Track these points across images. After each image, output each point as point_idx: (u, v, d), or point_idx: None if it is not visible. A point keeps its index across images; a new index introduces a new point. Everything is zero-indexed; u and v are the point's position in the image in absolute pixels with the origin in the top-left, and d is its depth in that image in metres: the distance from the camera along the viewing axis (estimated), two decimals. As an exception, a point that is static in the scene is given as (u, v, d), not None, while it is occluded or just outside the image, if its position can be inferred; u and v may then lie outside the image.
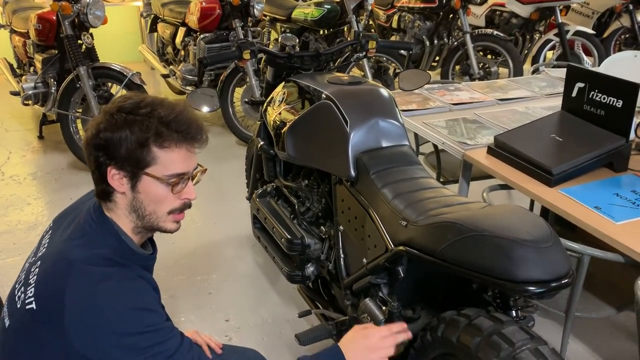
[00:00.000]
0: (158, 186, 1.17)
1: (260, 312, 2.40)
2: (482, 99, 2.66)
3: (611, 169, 1.90)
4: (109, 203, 1.21)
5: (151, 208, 1.19)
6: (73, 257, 1.12)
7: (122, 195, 1.18)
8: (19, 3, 4.76)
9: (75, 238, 1.17)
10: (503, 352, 1.20)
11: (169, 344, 1.12)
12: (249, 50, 2.05)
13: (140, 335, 1.09)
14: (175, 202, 1.21)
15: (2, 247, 2.89)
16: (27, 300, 1.14)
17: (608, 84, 1.91)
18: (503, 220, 1.26)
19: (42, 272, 1.15)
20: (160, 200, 1.19)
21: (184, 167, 1.19)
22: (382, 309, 1.55)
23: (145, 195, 1.18)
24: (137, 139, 1.13)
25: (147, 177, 1.16)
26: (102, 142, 1.14)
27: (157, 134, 1.14)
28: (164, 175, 1.16)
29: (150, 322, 1.11)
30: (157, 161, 1.15)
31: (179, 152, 1.17)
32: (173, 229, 1.25)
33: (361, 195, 1.67)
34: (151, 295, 1.17)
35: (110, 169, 1.15)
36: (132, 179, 1.16)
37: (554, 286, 1.18)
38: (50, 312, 1.09)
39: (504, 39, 4.88)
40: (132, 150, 1.13)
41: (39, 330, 1.11)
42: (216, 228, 3.09)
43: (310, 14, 4.74)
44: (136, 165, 1.15)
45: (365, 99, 1.81)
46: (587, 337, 2.23)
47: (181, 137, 1.17)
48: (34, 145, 4.29)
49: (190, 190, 1.22)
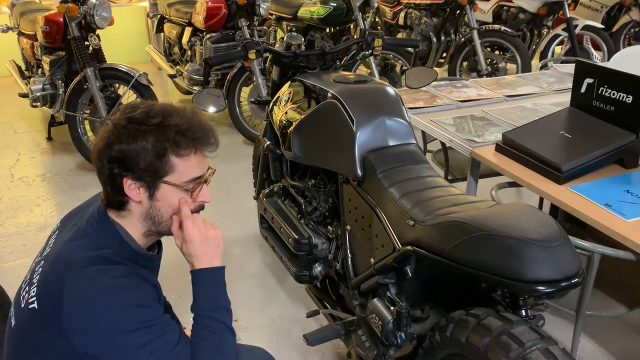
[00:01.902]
0: (176, 192, 1.19)
1: (269, 312, 2.40)
2: (490, 95, 2.64)
3: (621, 166, 1.88)
4: (122, 211, 1.21)
5: (168, 214, 1.21)
6: (72, 257, 1.13)
7: (137, 204, 1.19)
8: (27, 5, 4.79)
9: (77, 239, 1.18)
10: (513, 352, 1.19)
11: (168, 338, 1.12)
12: (254, 50, 2.04)
13: (137, 331, 1.09)
14: (191, 205, 1.23)
15: (13, 249, 2.91)
16: (30, 300, 1.15)
17: (618, 79, 1.89)
18: (512, 219, 1.25)
19: (43, 272, 1.17)
20: (178, 206, 1.21)
21: (200, 171, 1.22)
22: (390, 309, 1.54)
23: (164, 202, 1.19)
24: (155, 150, 1.14)
25: (166, 185, 1.18)
26: (117, 155, 1.14)
27: (174, 144, 1.15)
28: (182, 182, 1.19)
29: (146, 318, 1.11)
30: (175, 169, 1.17)
31: (195, 159, 1.20)
32: None
33: (368, 195, 1.66)
34: (147, 291, 1.17)
35: (127, 180, 1.16)
36: (150, 188, 1.17)
37: (563, 286, 1.16)
38: (50, 311, 1.10)
39: (511, 34, 4.84)
40: (151, 162, 1.14)
41: (41, 330, 1.12)
42: (224, 228, 3.09)
43: (316, 12, 4.73)
44: (155, 175, 1.16)
45: (372, 97, 1.80)
46: (598, 336, 2.21)
47: (197, 143, 1.19)
48: (43, 147, 4.31)
49: (205, 193, 1.25)
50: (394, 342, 1.51)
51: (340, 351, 2.15)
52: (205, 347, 1.17)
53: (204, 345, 1.18)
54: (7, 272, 2.67)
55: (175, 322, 1.18)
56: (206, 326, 1.20)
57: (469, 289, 1.55)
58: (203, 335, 1.19)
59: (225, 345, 1.20)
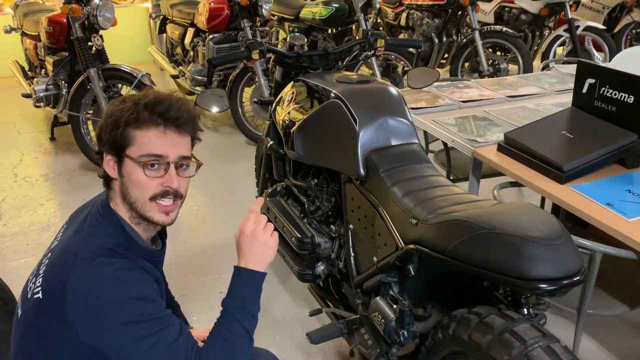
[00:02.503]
0: (136, 168, 1.19)
1: (272, 311, 2.41)
2: (492, 96, 2.65)
3: (623, 166, 1.89)
4: (110, 191, 1.25)
5: (135, 194, 1.21)
6: (77, 248, 1.15)
7: (115, 181, 1.23)
8: (30, 6, 4.81)
9: (81, 230, 1.20)
10: (515, 349, 1.20)
11: (168, 332, 1.13)
12: (257, 50, 2.05)
13: (138, 324, 1.10)
14: (156, 188, 1.21)
15: (16, 248, 2.92)
16: (35, 290, 1.17)
17: (619, 79, 1.90)
18: (514, 217, 1.26)
19: (49, 263, 1.19)
20: (140, 184, 1.20)
21: (161, 149, 1.19)
22: (393, 308, 1.55)
23: (128, 178, 1.21)
24: (114, 120, 1.19)
25: (128, 160, 1.19)
26: (98, 132, 1.23)
27: (132, 114, 1.18)
28: (138, 155, 1.19)
29: (147, 311, 1.12)
30: (134, 142, 1.19)
31: (155, 133, 1.19)
32: (160, 220, 1.23)
33: (371, 194, 1.67)
34: (149, 285, 1.18)
35: (105, 155, 1.22)
36: (118, 162, 1.21)
37: (565, 284, 1.17)
38: (54, 302, 1.12)
39: (513, 35, 4.85)
40: (110, 131, 1.19)
41: (45, 320, 1.14)
42: (227, 227, 3.11)
43: (318, 13, 4.74)
44: (116, 147, 1.20)
45: (374, 97, 1.81)
46: (599, 335, 2.22)
47: (157, 117, 1.19)
48: (46, 147, 4.33)
49: (171, 177, 1.21)
50: (396, 340, 1.52)
51: (342, 350, 2.16)
52: (219, 345, 1.19)
53: (219, 343, 1.19)
54: (12, 271, 2.69)
55: (177, 318, 1.19)
56: (227, 326, 1.22)
57: (471, 287, 1.56)
58: (221, 333, 1.21)
59: (240, 351, 1.21)
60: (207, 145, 4.22)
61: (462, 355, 1.38)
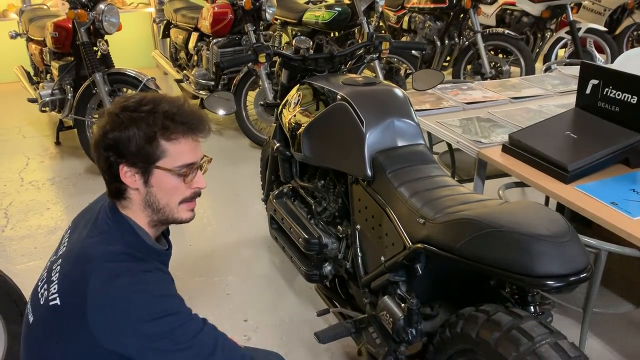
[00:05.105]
0: (170, 178, 1.22)
1: (278, 312, 2.43)
2: (496, 97, 2.67)
3: (627, 165, 1.90)
4: (124, 201, 1.25)
5: (165, 201, 1.24)
6: (92, 254, 1.16)
7: (135, 191, 1.23)
8: (35, 12, 4.85)
9: (93, 236, 1.21)
10: (522, 346, 1.21)
11: (192, 325, 1.16)
12: (264, 54, 2.08)
13: (162, 319, 1.12)
14: (187, 191, 1.25)
15: (24, 251, 2.94)
16: (51, 297, 1.18)
17: (622, 80, 1.92)
18: (520, 216, 1.28)
19: (63, 270, 1.19)
20: (173, 191, 1.23)
21: (192, 157, 1.24)
22: (400, 306, 1.57)
23: (158, 188, 1.22)
24: (145, 135, 1.18)
25: (159, 170, 1.20)
26: (111, 142, 1.19)
27: (163, 128, 1.18)
28: (174, 166, 1.21)
29: (170, 306, 1.14)
30: (167, 154, 1.20)
31: (186, 143, 1.22)
32: (188, 217, 1.29)
33: (378, 194, 1.69)
34: (169, 282, 1.21)
35: (122, 166, 1.20)
36: (144, 174, 1.21)
37: (572, 280, 1.19)
38: (74, 308, 1.13)
39: (515, 37, 4.87)
40: (142, 146, 1.18)
41: (64, 325, 1.15)
42: (232, 230, 3.13)
43: (321, 17, 4.77)
44: (147, 160, 1.19)
45: (380, 99, 1.83)
46: (604, 334, 2.23)
47: (186, 128, 1.21)
48: (52, 151, 4.36)
49: (200, 179, 1.27)
50: (404, 338, 1.54)
51: (349, 350, 2.17)
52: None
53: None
54: (20, 274, 2.71)
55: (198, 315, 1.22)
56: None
57: (478, 286, 1.57)
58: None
59: None
60: (211, 148, 4.24)
61: (470, 353, 1.39)
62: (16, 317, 1.84)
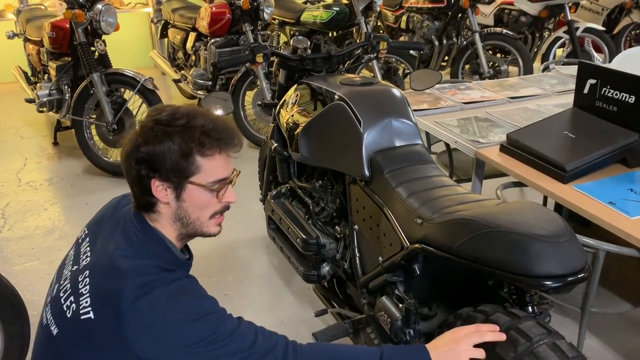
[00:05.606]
0: (202, 193, 1.22)
1: (277, 312, 2.43)
2: (493, 97, 2.67)
3: (624, 165, 1.90)
4: (152, 214, 1.24)
5: (195, 215, 1.25)
6: (125, 267, 1.15)
7: (166, 205, 1.22)
8: (33, 12, 4.84)
9: (123, 248, 1.20)
10: (521, 347, 1.21)
11: (230, 322, 1.18)
12: (262, 54, 2.07)
13: (201, 320, 1.13)
14: (217, 206, 1.27)
15: (22, 252, 2.93)
16: (83, 311, 1.16)
17: (620, 80, 1.92)
18: (518, 216, 1.27)
19: (94, 283, 1.18)
20: (205, 206, 1.24)
21: (225, 172, 1.25)
22: (398, 307, 1.56)
23: (190, 203, 1.23)
24: (181, 150, 1.17)
25: (192, 185, 1.21)
26: (144, 156, 1.17)
27: (199, 144, 1.18)
28: (208, 182, 1.22)
29: (208, 306, 1.16)
30: (201, 169, 1.20)
31: (220, 159, 1.23)
32: (216, 232, 1.32)
33: (376, 195, 1.68)
34: (200, 286, 1.22)
35: (154, 181, 1.19)
36: (177, 189, 1.20)
37: (570, 280, 1.18)
38: (109, 321, 1.12)
39: (513, 37, 4.87)
40: (176, 162, 1.17)
41: (97, 338, 1.14)
42: (230, 230, 3.12)
43: (319, 17, 4.77)
44: (180, 175, 1.19)
45: (378, 99, 1.83)
46: (602, 333, 2.23)
47: (221, 144, 1.22)
48: (49, 152, 4.35)
49: (231, 193, 1.28)
50: (403, 338, 1.53)
51: (348, 350, 2.17)
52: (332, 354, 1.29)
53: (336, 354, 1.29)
54: (18, 274, 2.70)
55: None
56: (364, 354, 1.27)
57: (476, 286, 1.57)
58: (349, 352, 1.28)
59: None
60: (209, 148, 4.23)
61: (468, 353, 1.39)
62: (13, 318, 1.83)
